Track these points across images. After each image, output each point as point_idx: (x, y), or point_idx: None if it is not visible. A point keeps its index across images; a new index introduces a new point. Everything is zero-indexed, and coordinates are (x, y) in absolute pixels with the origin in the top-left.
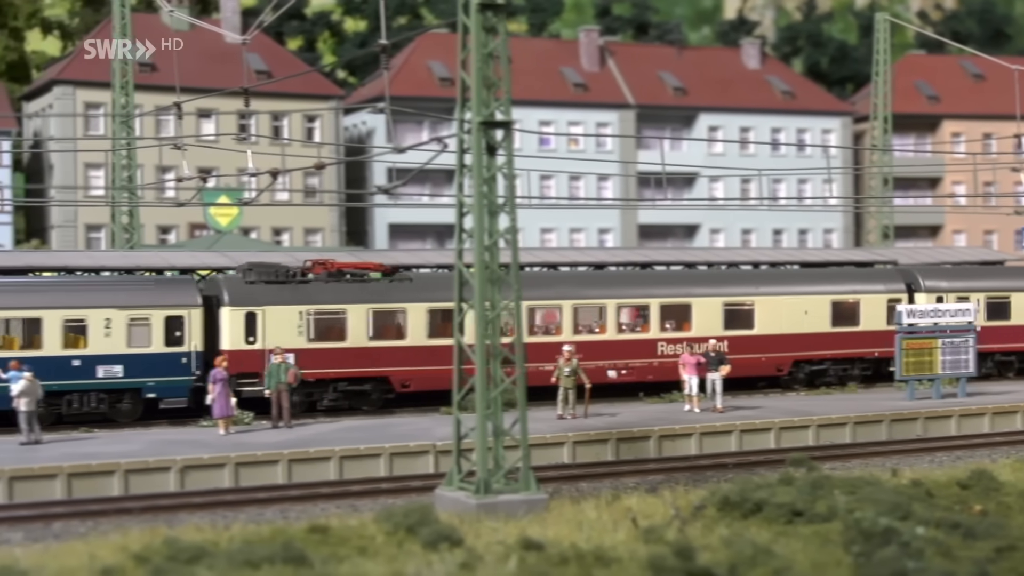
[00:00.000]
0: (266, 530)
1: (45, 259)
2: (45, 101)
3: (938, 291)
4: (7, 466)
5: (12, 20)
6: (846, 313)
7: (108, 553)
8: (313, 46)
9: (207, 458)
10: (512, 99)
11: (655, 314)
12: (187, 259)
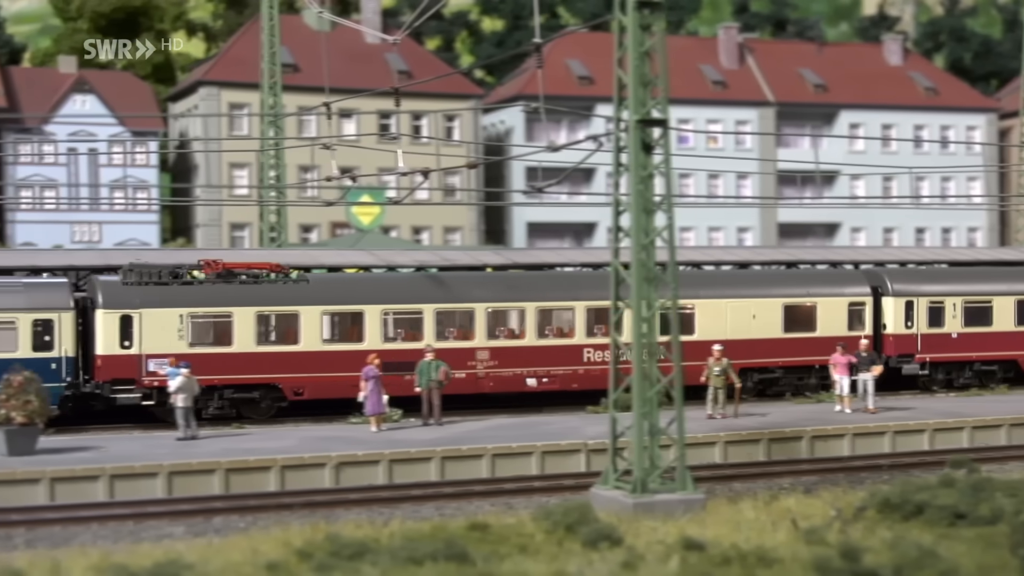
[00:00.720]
0: (426, 527)
1: None
2: (191, 102)
3: (907, 295)
4: (166, 461)
5: (158, 23)
6: (801, 318)
7: (271, 548)
8: (451, 46)
9: (361, 455)
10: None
11: (581, 319)
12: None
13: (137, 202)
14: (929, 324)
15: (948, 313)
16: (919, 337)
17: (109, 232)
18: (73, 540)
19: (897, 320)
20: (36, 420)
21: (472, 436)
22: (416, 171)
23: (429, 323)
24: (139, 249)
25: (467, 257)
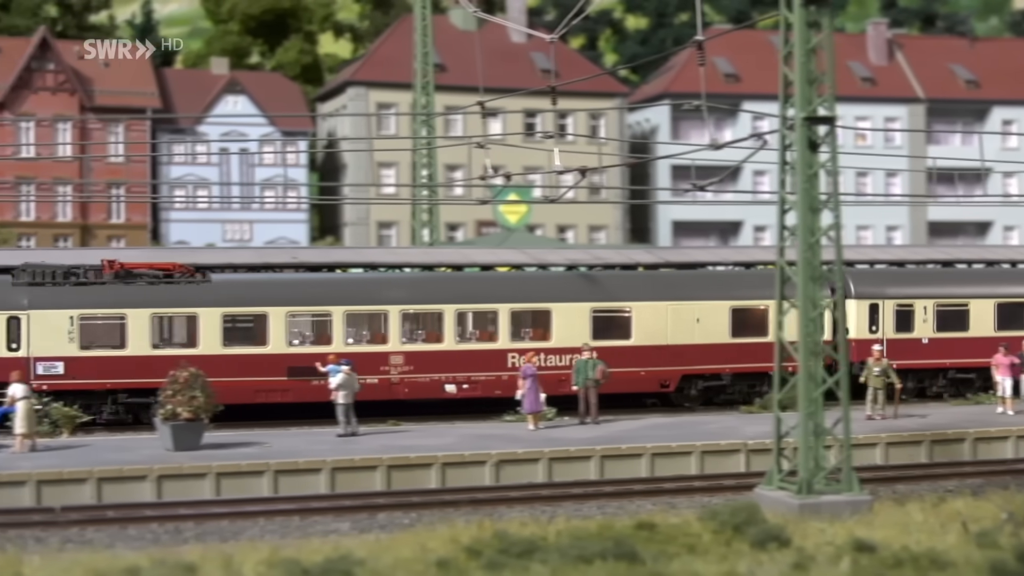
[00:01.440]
0: (592, 526)
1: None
2: (339, 102)
3: (871, 297)
4: (329, 457)
5: (306, 24)
6: (751, 322)
7: (438, 545)
8: (595, 44)
9: (521, 452)
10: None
11: (505, 321)
12: None
13: (287, 201)
14: (896, 328)
15: (918, 317)
16: (885, 342)
17: (260, 231)
18: (241, 534)
19: (860, 324)
20: (201, 415)
21: (630, 435)
22: (573, 169)
23: (338, 325)
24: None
25: (619, 256)
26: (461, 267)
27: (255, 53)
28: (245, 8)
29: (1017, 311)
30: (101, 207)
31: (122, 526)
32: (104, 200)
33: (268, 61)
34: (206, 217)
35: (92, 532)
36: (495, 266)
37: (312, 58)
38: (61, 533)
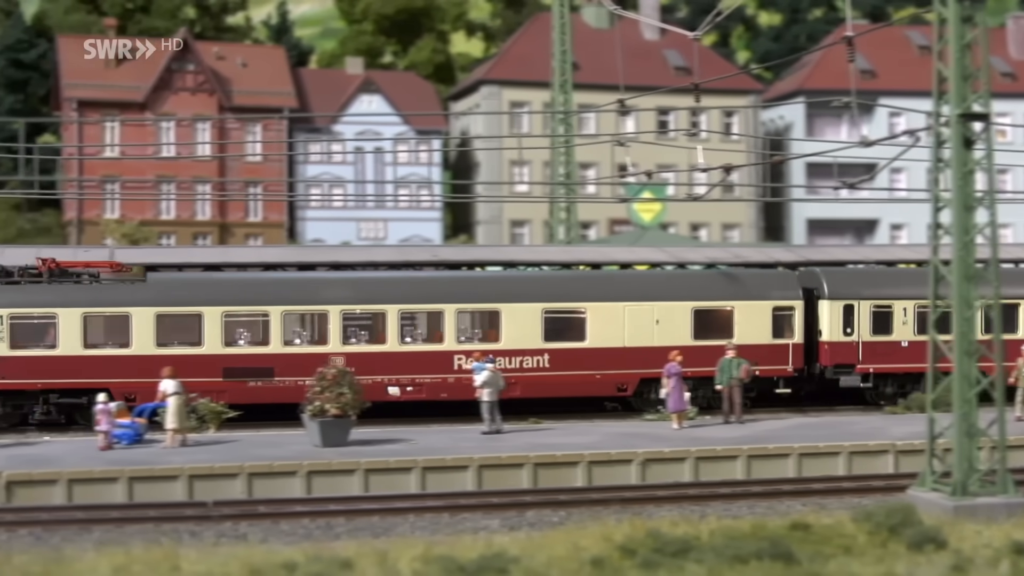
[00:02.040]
0: (745, 525)
1: None
2: (472, 101)
3: (846, 298)
4: (476, 455)
5: (439, 23)
6: (715, 324)
7: (591, 543)
8: (727, 41)
9: (667, 451)
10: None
11: (451, 322)
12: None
13: (420, 199)
14: (873, 331)
15: (897, 319)
16: (860, 345)
17: (394, 229)
18: (392, 531)
19: (833, 326)
20: (349, 412)
21: (775, 435)
22: (717, 167)
23: (276, 326)
24: None
25: (759, 254)
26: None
27: (388, 53)
28: (379, 8)
29: (1008, 313)
30: (239, 205)
31: (274, 521)
32: (242, 199)
33: (401, 60)
34: (341, 215)
35: (245, 527)
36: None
37: (444, 57)
38: (215, 527)
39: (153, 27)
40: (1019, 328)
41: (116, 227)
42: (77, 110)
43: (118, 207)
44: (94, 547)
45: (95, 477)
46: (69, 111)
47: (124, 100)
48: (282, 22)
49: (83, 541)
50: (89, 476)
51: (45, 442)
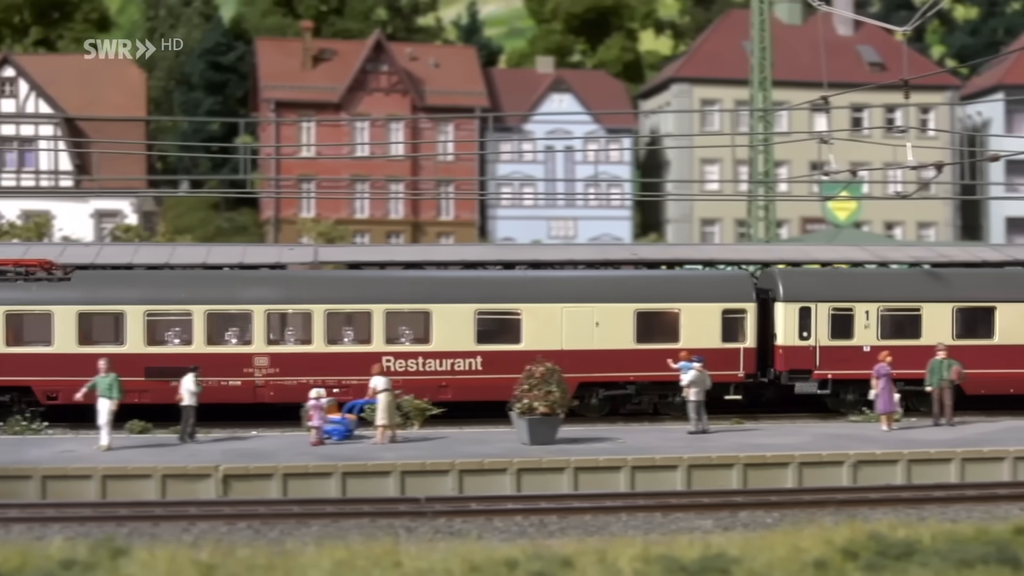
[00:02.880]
0: (967, 529)
1: None
2: (662, 99)
3: (802, 300)
4: (685, 454)
5: (628, 21)
6: (661, 326)
7: (811, 545)
8: (921, 35)
9: (879, 453)
10: None
11: (379, 323)
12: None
13: (610, 198)
14: (832, 335)
15: (859, 322)
16: (817, 350)
17: (584, 227)
18: (604, 529)
19: (788, 330)
20: (557, 410)
21: (988, 438)
22: (928, 164)
23: (199, 326)
24: None
25: (964, 253)
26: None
27: (577, 51)
28: (568, 7)
29: (981, 316)
30: (431, 204)
31: (487, 518)
32: (434, 197)
33: (589, 59)
34: (532, 214)
35: (459, 523)
36: (834, 263)
37: (633, 55)
38: (429, 523)
39: (346, 29)
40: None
41: (312, 226)
42: (275, 111)
43: (313, 206)
44: (313, 541)
45: (309, 472)
46: (267, 112)
47: (320, 101)
48: (472, 22)
49: (301, 535)
50: (304, 471)
51: (255, 436)
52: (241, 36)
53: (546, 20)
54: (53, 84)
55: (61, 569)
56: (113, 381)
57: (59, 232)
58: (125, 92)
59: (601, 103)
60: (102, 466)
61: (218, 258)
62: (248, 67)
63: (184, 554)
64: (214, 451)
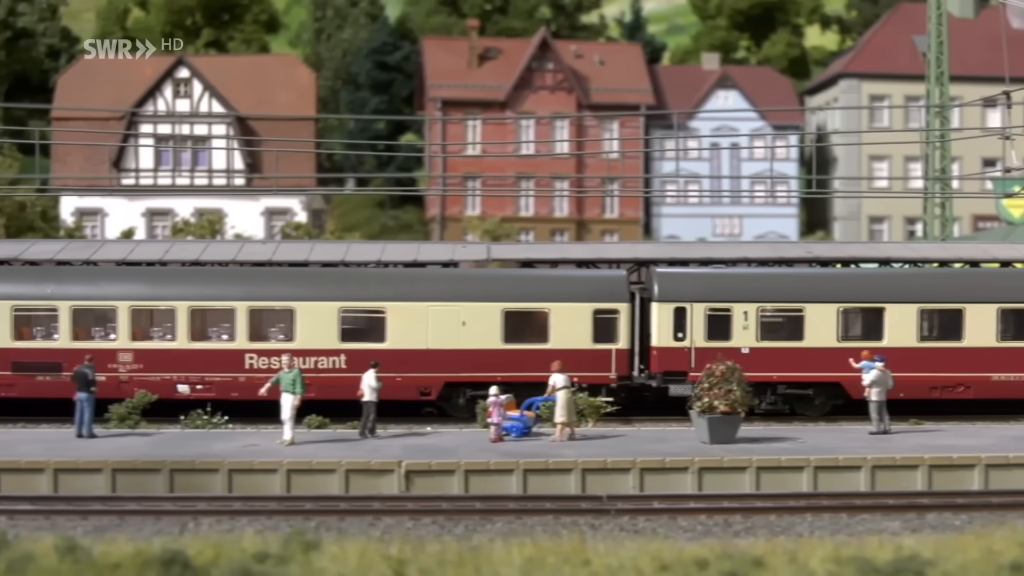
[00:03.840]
0: None
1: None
2: (829, 95)
3: (678, 300)
4: (869, 455)
5: (794, 17)
6: (528, 327)
7: (1005, 548)
8: None
9: None
10: None
11: (243, 320)
12: None
13: (776, 195)
14: (708, 336)
15: (737, 323)
16: (692, 351)
17: (749, 225)
18: (790, 530)
19: (663, 330)
20: (738, 409)
21: None
22: None
23: (65, 320)
24: None
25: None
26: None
27: (741, 48)
28: (733, 3)
29: (869, 318)
30: (596, 202)
31: (671, 517)
32: (598, 195)
33: (754, 55)
34: (696, 212)
35: (643, 522)
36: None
37: (799, 51)
38: (613, 521)
39: (510, 27)
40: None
41: (478, 224)
42: (441, 109)
43: (479, 204)
44: (499, 537)
45: (490, 468)
46: (433, 111)
47: (486, 99)
48: (635, 19)
49: (486, 531)
50: (485, 467)
51: (433, 433)
52: (406, 35)
53: (711, 16)
54: (225, 84)
55: (255, 562)
56: (296, 376)
57: (231, 230)
58: (295, 92)
59: (767, 99)
60: (287, 460)
61: (393, 255)
62: (413, 66)
63: (373, 548)
64: (394, 447)
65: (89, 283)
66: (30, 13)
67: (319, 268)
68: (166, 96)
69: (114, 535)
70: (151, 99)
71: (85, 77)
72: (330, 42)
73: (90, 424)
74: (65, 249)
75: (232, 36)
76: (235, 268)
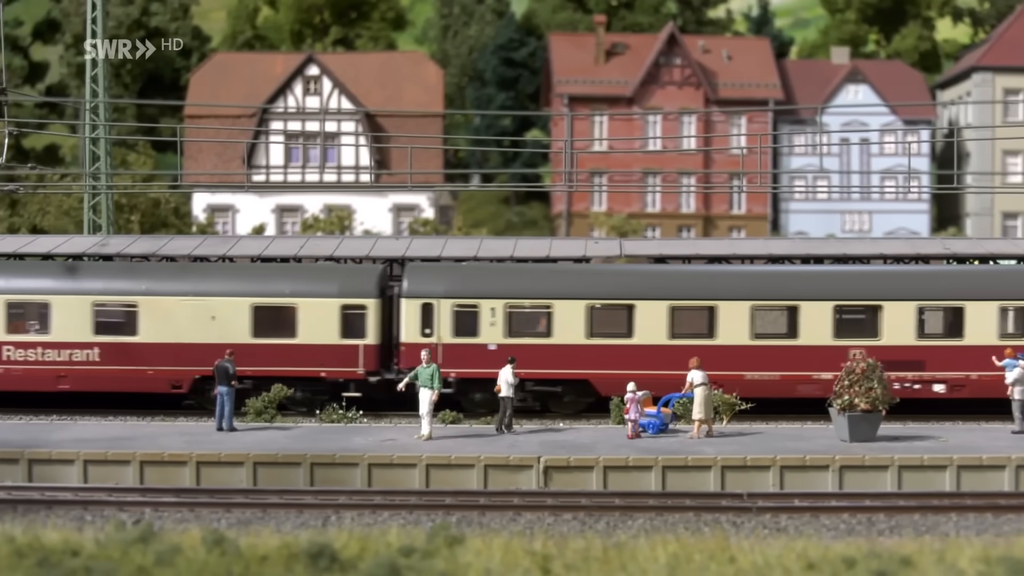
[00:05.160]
0: None
1: None
2: (962, 89)
3: (425, 296)
4: (1013, 455)
5: (924, 10)
6: (277, 321)
7: None
8: None
9: None
10: None
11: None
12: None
13: (907, 191)
14: (456, 332)
15: (484, 319)
16: (440, 348)
17: (879, 221)
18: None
19: (411, 327)
20: (879, 407)
21: None
22: None
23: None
24: None
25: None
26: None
27: (870, 41)
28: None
29: (619, 314)
30: (723, 198)
31: (813, 515)
32: (725, 191)
33: (883, 49)
34: (825, 208)
35: (785, 520)
36: None
37: (930, 44)
38: (755, 519)
39: (636, 23)
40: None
41: (604, 220)
42: (568, 105)
43: (605, 200)
44: (642, 534)
45: (629, 465)
46: (560, 107)
47: (613, 95)
48: (763, 14)
49: (627, 528)
50: (623, 464)
51: (569, 429)
52: (532, 32)
53: (839, 10)
54: (354, 81)
55: (401, 556)
56: (435, 372)
57: (360, 226)
58: (423, 88)
59: (898, 94)
60: (425, 455)
61: (525, 251)
62: (539, 62)
63: (517, 544)
64: (531, 442)
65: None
66: (162, 13)
67: (76, 263)
68: (296, 93)
69: (258, 528)
70: (281, 96)
71: (217, 75)
72: (456, 39)
73: (230, 417)
74: (201, 245)
75: (359, 34)
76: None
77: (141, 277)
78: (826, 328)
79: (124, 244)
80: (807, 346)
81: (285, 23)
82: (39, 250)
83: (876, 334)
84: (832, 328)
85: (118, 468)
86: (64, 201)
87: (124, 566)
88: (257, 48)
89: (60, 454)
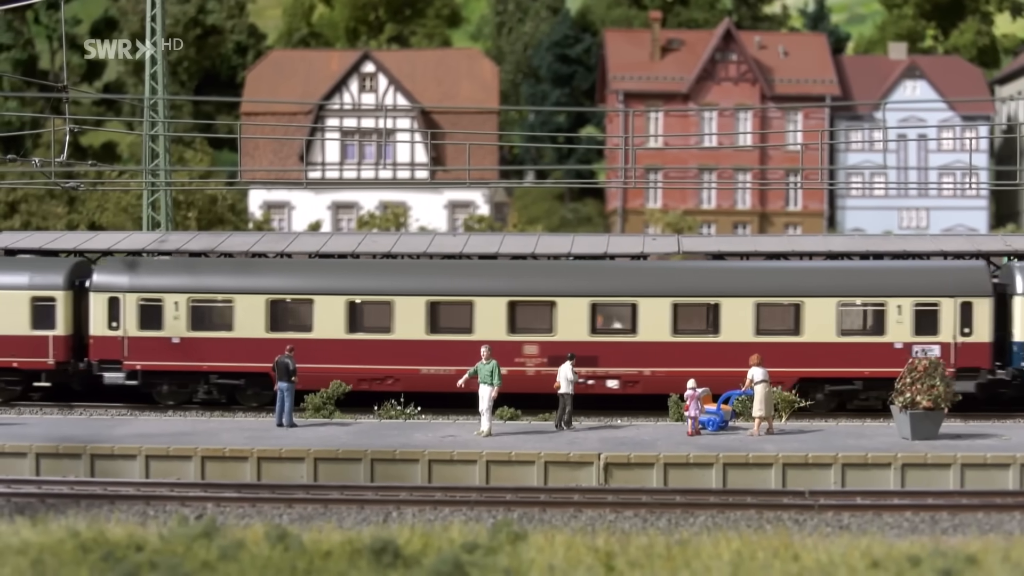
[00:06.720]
0: None
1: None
2: (1021, 84)
3: (113, 290)
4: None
5: (983, 5)
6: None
7: None
8: None
9: None
10: None
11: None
12: None
13: (965, 187)
14: (141, 325)
15: (169, 313)
16: (126, 341)
17: (936, 218)
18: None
19: (98, 319)
20: (941, 404)
21: None
22: None
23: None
24: None
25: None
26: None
27: (928, 37)
28: None
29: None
30: (779, 195)
31: (876, 513)
32: (781, 187)
33: (941, 45)
34: (882, 204)
35: (847, 517)
36: None
37: (988, 39)
38: (817, 517)
39: (692, 19)
40: None
41: (660, 216)
42: (623, 102)
43: (660, 197)
44: (704, 531)
45: (690, 462)
46: (615, 103)
47: (668, 91)
48: (819, 9)
49: (688, 525)
50: (684, 461)
51: (630, 425)
52: (587, 28)
53: (896, 5)
54: (410, 78)
55: (464, 552)
56: (494, 368)
57: (415, 222)
58: (478, 85)
59: (956, 89)
60: (485, 452)
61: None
62: (594, 59)
63: (579, 540)
64: (591, 439)
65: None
66: (219, 11)
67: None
68: (352, 90)
69: (320, 524)
70: (337, 93)
71: (273, 72)
72: (511, 35)
73: (290, 413)
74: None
75: (414, 31)
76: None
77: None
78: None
79: (183, 241)
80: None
81: (340, 20)
82: (100, 247)
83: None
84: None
85: (180, 463)
86: (122, 198)
87: (189, 561)
88: (312, 45)
89: (122, 449)
